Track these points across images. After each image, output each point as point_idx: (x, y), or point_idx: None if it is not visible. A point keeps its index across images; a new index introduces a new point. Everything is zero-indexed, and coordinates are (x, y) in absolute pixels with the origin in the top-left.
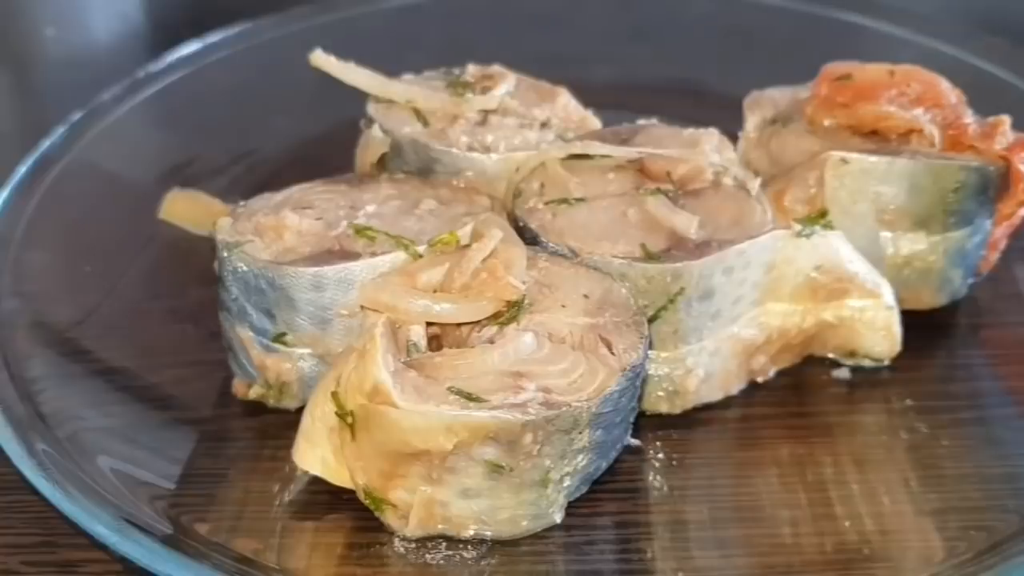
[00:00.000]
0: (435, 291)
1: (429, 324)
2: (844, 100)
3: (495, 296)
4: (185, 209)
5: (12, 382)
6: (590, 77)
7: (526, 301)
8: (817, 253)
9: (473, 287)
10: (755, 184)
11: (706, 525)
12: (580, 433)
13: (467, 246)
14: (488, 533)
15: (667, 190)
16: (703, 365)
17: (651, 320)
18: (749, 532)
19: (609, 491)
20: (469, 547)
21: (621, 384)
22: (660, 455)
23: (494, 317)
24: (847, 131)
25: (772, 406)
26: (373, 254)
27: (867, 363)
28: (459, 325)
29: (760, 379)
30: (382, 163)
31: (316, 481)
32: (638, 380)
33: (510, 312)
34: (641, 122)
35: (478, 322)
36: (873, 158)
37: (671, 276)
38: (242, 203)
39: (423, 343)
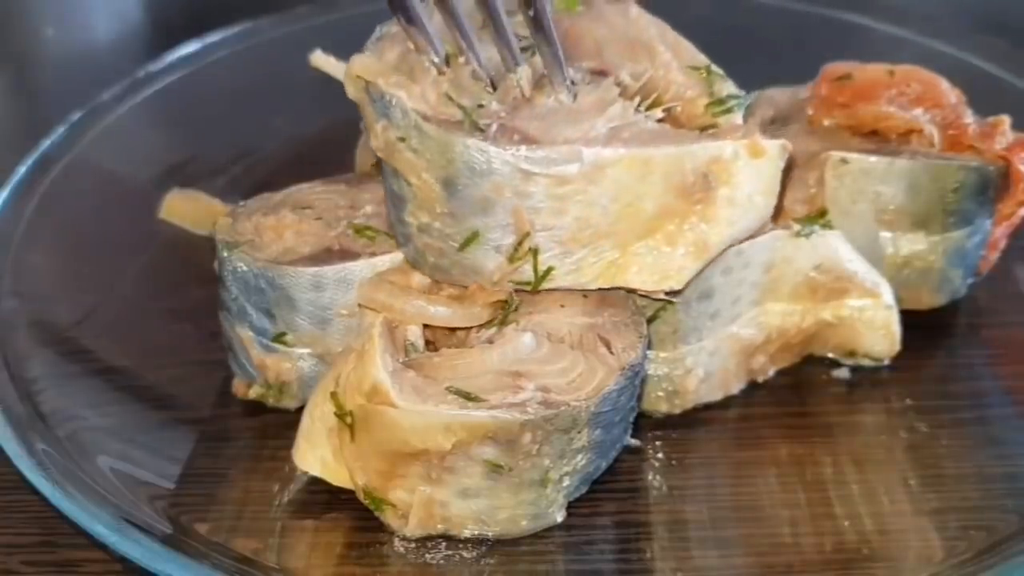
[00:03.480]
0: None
1: (427, 324)
2: (844, 100)
3: (486, 302)
4: (185, 209)
5: (12, 382)
6: None
7: (517, 301)
8: (816, 253)
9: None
10: None
11: (706, 525)
12: (579, 432)
13: None
14: (488, 533)
15: None
16: (702, 365)
17: (650, 320)
18: (749, 532)
19: (609, 491)
20: (469, 547)
21: (620, 383)
22: (660, 455)
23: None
24: (847, 131)
25: (772, 406)
26: (372, 254)
27: (867, 363)
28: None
29: (760, 379)
30: (382, 163)
31: (316, 481)
32: (637, 379)
33: (502, 314)
34: None
35: None
36: (873, 158)
37: None
38: (242, 203)
39: (421, 343)
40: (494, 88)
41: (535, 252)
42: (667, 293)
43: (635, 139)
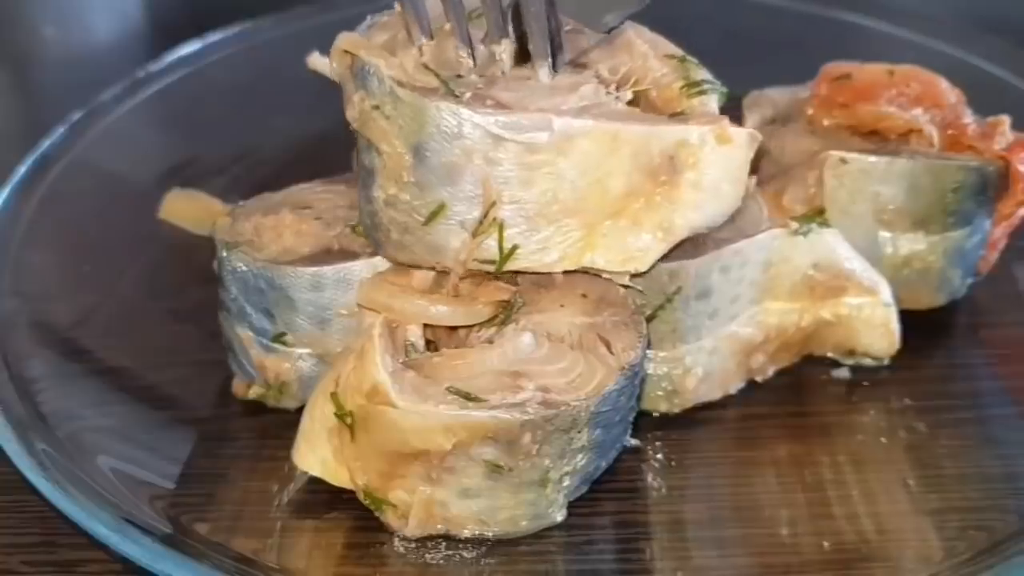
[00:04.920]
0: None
1: (427, 324)
2: (844, 100)
3: (487, 300)
4: (185, 209)
5: (12, 382)
6: None
7: (520, 301)
8: (814, 251)
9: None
10: (751, 183)
11: (705, 525)
12: (579, 432)
13: None
14: (488, 533)
15: None
16: (702, 364)
17: (649, 319)
18: (748, 532)
19: (609, 491)
20: (469, 547)
21: (620, 383)
22: (660, 455)
23: (490, 318)
24: (847, 131)
25: (771, 405)
26: (372, 254)
27: (867, 362)
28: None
29: (759, 378)
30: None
31: (316, 481)
32: (636, 379)
33: (504, 313)
34: None
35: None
36: (872, 158)
37: (668, 275)
38: (242, 203)
39: (421, 343)
40: (474, 65)
41: (501, 225)
42: (632, 277)
43: (605, 117)
